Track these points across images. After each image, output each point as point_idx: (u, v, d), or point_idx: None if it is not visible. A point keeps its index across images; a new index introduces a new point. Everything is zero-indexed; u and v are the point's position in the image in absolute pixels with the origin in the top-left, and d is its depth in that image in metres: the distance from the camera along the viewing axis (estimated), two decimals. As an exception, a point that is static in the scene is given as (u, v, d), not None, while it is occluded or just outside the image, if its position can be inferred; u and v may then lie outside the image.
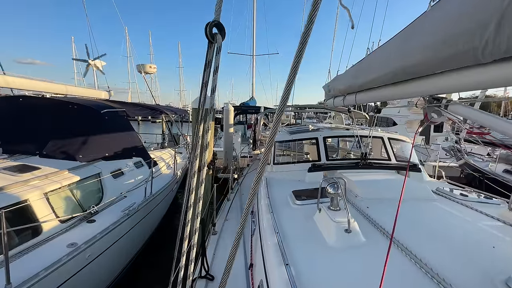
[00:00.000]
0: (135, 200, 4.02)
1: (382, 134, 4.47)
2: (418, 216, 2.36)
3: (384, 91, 2.14)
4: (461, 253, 1.72)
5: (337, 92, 3.70)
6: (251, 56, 21.73)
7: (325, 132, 4.43)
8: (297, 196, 2.74)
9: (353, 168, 3.80)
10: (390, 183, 3.20)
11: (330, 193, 2.08)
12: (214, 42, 1.15)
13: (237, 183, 5.73)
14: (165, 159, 6.67)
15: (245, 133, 15.25)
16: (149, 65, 8.44)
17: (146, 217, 4.14)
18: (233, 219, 3.82)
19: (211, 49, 1.19)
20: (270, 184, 3.57)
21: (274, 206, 2.60)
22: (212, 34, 1.14)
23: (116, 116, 4.99)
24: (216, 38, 1.15)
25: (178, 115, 7.32)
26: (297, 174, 3.88)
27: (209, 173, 3.85)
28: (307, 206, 2.51)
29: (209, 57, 1.20)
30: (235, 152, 9.32)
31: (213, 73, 1.23)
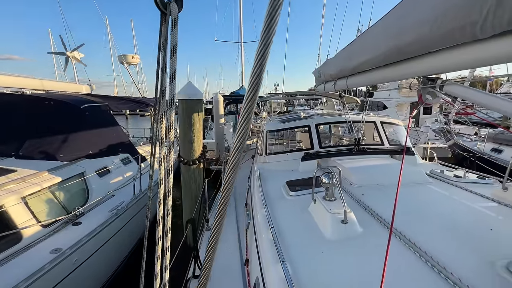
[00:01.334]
0: (124, 198, 3.85)
1: (374, 118, 4.40)
2: (414, 202, 2.32)
3: (377, 74, 2.06)
4: (460, 238, 1.69)
5: (327, 77, 3.45)
6: (239, 44, 21.16)
7: (317, 119, 4.31)
8: (291, 187, 2.67)
9: (347, 154, 3.72)
10: (385, 168, 3.14)
11: (325, 183, 1.99)
12: (167, 13, 0.88)
13: (230, 175, 5.60)
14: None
15: (236, 123, 15.03)
16: (131, 56, 8.00)
17: (137, 216, 4.00)
18: (227, 213, 3.72)
19: (164, 23, 0.91)
20: (263, 176, 3.47)
21: (268, 198, 2.53)
22: (164, 2, 0.87)
23: (98, 110, 4.71)
24: (170, 8, 0.87)
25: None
26: (291, 163, 3.79)
27: (200, 167, 3.70)
28: (301, 197, 2.46)
29: (164, 34, 0.92)
30: (227, 143, 9.15)
31: (170, 54, 0.94)
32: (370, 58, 1.95)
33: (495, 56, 1.06)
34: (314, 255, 1.59)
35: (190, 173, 3.61)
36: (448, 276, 1.30)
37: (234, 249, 2.88)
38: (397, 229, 1.77)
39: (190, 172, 3.61)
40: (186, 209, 3.66)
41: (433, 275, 1.35)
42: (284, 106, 28.01)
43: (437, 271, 1.37)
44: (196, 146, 3.59)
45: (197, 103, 3.48)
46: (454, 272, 1.32)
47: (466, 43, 1.14)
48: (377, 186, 2.74)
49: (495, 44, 1.00)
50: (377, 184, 2.77)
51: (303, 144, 5.40)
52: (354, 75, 2.52)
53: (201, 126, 3.64)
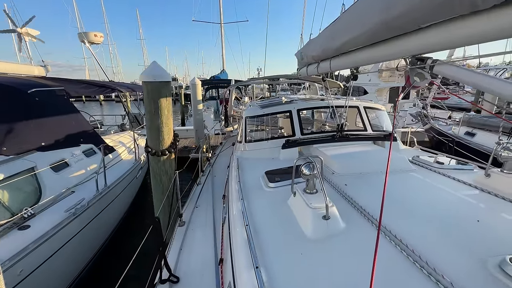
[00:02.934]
0: (86, 195, 3.43)
1: (357, 103, 4.25)
2: (397, 191, 2.23)
3: (362, 54, 1.90)
4: (448, 233, 1.58)
5: (310, 59, 3.24)
6: (219, 25, 20.07)
7: (298, 104, 4.07)
8: (270, 177, 2.50)
9: (329, 141, 3.56)
10: (368, 155, 3.01)
11: (305, 175, 1.82)
12: None
13: (209, 164, 5.30)
14: (125, 143, 5.94)
15: (217, 109, 14.51)
16: (93, 33, 7.03)
17: (103, 214, 3.60)
18: (203, 206, 3.44)
19: None
20: (241, 166, 3.23)
21: (245, 190, 2.38)
22: None
23: (52, 96, 4.11)
24: None
25: (136, 92, 6.41)
26: (271, 151, 3.58)
27: (171, 157, 3.34)
28: (281, 188, 2.31)
29: None
30: (207, 130, 8.75)
31: None
32: (354, 36, 1.79)
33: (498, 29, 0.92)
34: (293, 258, 1.43)
35: (159, 164, 3.25)
36: (439, 280, 1.18)
37: (209, 246, 2.65)
38: (382, 223, 1.63)
39: (159, 163, 3.24)
40: (157, 205, 3.33)
41: (422, 278, 1.22)
42: (267, 91, 27.65)
43: (427, 273, 1.24)
44: (165, 135, 3.21)
45: (163, 85, 3.05)
46: (444, 274, 1.20)
47: (464, 16, 1.02)
48: (360, 175, 2.64)
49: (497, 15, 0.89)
50: (360, 173, 2.66)
51: (284, 130, 5.17)
52: (337, 57, 2.34)
53: (170, 112, 3.24)
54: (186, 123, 14.67)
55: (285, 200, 2.02)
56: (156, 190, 3.30)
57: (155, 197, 3.31)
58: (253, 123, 4.45)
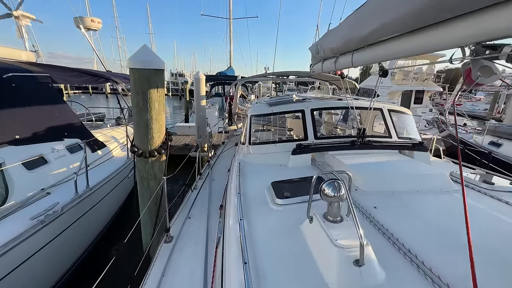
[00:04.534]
0: (63, 198, 2.96)
1: (381, 105, 3.69)
2: (445, 221, 1.69)
3: (398, 44, 1.54)
4: None
5: (327, 53, 2.86)
6: (228, 20, 19.57)
7: (312, 103, 3.54)
8: (278, 190, 2.06)
9: (348, 148, 3.01)
10: (398, 168, 2.47)
11: (329, 196, 1.36)
12: None
13: (208, 166, 4.80)
14: (119, 138, 5.48)
15: (222, 106, 14.04)
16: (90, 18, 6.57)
17: (82, 221, 3.13)
18: (196, 217, 2.94)
19: None
20: (244, 172, 2.72)
21: (246, 205, 1.97)
22: None
23: (33, 83, 3.65)
24: None
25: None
26: (279, 157, 3.09)
27: (161, 159, 2.84)
28: (291, 207, 1.88)
29: None
30: (209, 128, 8.27)
31: None
32: (389, 22, 1.46)
33: None
34: None
35: (147, 167, 2.75)
36: None
37: (198, 272, 2.16)
38: (432, 269, 1.23)
39: (147, 166, 2.75)
40: (143, 215, 2.84)
41: None
42: (274, 90, 27.08)
43: None
44: (155, 132, 2.71)
45: (154, 74, 2.55)
46: None
47: None
48: (392, 195, 2.11)
49: None
50: (391, 192, 2.12)
51: (293, 132, 4.64)
52: (362, 49, 2.00)
53: (162, 105, 2.74)
54: (189, 119, 14.24)
55: (297, 224, 1.59)
56: (142, 197, 2.81)
57: (141, 205, 2.82)
58: (259, 123, 3.94)
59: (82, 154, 3.52)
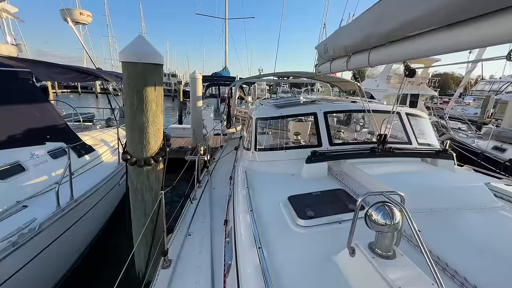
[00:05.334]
0: (42, 212, 2.54)
1: (398, 108, 3.43)
2: (505, 250, 1.42)
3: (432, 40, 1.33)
4: None
5: (339, 52, 2.65)
6: (223, 20, 19.23)
7: (325, 105, 3.24)
8: (299, 208, 1.77)
9: (368, 156, 2.72)
10: (434, 181, 2.19)
11: (379, 224, 1.06)
12: None
13: (207, 173, 4.44)
14: (109, 141, 5.05)
15: (218, 107, 13.66)
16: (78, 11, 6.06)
17: (64, 239, 2.70)
18: (198, 234, 2.58)
19: None
20: (252, 183, 2.41)
21: (262, 227, 1.66)
22: None
23: (11, 79, 3.21)
24: None
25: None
26: (290, 165, 2.77)
27: (158, 168, 2.48)
28: (317, 229, 1.60)
29: None
30: (205, 130, 7.90)
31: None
32: (427, 12, 1.26)
33: None
34: None
35: (142, 177, 2.38)
36: None
37: None
38: None
39: (142, 176, 2.38)
40: (136, 232, 2.46)
41: None
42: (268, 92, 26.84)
43: None
44: (152, 137, 2.34)
45: (152, 70, 2.19)
46: None
47: None
48: (431, 212, 1.82)
49: None
50: (430, 209, 1.84)
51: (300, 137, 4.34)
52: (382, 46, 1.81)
53: (160, 106, 2.38)
54: (183, 121, 13.80)
55: (329, 254, 1.34)
56: (135, 212, 2.43)
57: (134, 222, 2.44)
58: (265, 127, 3.62)
59: (67, 160, 3.11)
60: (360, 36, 2.00)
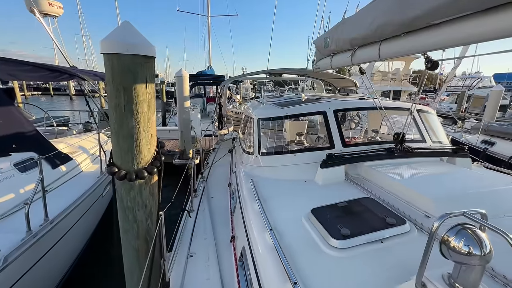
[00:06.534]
0: (7, 241, 2.06)
1: (407, 104, 3.27)
2: None
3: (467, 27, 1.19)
4: None
5: (343, 46, 2.47)
6: (206, 17, 18.64)
7: (333, 103, 3.00)
8: (329, 224, 1.51)
9: (385, 157, 2.51)
10: (469, 183, 2.00)
11: (462, 253, 0.83)
12: None
13: (202, 179, 4.06)
14: (89, 148, 4.50)
15: (204, 107, 13.14)
16: (47, 1, 5.36)
17: (37, 270, 2.23)
18: (201, 255, 2.23)
19: None
20: (262, 193, 2.13)
21: (287, 251, 1.39)
22: None
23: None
24: None
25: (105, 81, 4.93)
26: (301, 170, 2.50)
27: (153, 181, 2.09)
28: (357, 250, 1.37)
29: None
30: (193, 132, 7.45)
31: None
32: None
33: None
34: None
35: (133, 194, 1.98)
36: None
37: None
38: None
39: (133, 192, 1.98)
40: (128, 259, 2.06)
41: None
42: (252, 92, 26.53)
43: None
44: (144, 145, 1.95)
45: (143, 63, 1.81)
46: None
47: None
48: None
49: None
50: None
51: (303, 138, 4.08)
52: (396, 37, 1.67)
53: (153, 107, 2.00)
54: (168, 123, 13.15)
55: (381, 285, 1.12)
56: (126, 235, 2.03)
57: (125, 246, 2.04)
58: (267, 128, 3.31)
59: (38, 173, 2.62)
60: (370, 28, 1.83)
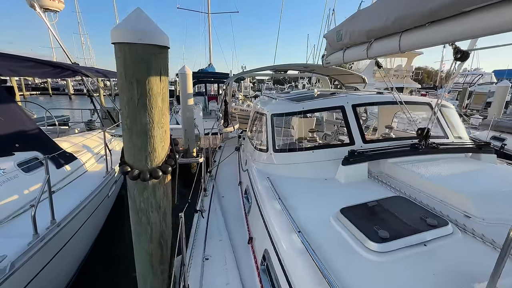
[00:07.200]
0: (13, 246, 1.94)
1: (428, 99, 3.15)
2: None
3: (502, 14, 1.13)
4: None
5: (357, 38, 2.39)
6: (206, 14, 18.43)
7: (351, 97, 2.88)
8: (363, 226, 1.40)
9: (409, 154, 2.40)
10: (505, 181, 1.88)
11: None
12: None
13: (210, 178, 3.94)
14: (93, 147, 4.37)
15: (206, 106, 13.00)
16: None
17: (44, 275, 2.11)
18: (218, 257, 2.11)
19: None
20: (282, 192, 2.00)
21: (321, 254, 1.28)
22: None
23: (-38, 74, 2.53)
24: None
25: (110, 79, 4.80)
26: (320, 167, 2.39)
27: (166, 180, 1.97)
28: (399, 254, 1.25)
29: None
30: (197, 130, 7.33)
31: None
32: None
33: None
34: None
35: (146, 194, 1.86)
36: None
37: None
38: None
39: (146, 192, 1.86)
40: (141, 264, 1.94)
41: None
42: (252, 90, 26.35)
43: None
44: (158, 143, 1.83)
45: (156, 53, 1.68)
46: None
47: None
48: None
49: None
50: None
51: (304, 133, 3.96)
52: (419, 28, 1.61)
53: (167, 102, 1.87)
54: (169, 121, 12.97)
55: None
56: (139, 238, 1.91)
57: (137, 251, 1.92)
58: (280, 124, 3.19)
59: (43, 173, 2.49)
60: (390, 18, 1.75)
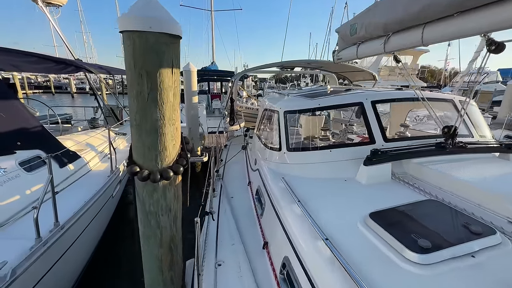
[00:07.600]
0: (13, 252, 1.82)
1: (450, 96, 3.00)
2: None
3: None
4: None
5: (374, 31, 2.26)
6: (209, 12, 18.28)
7: (370, 94, 2.73)
8: (400, 234, 1.26)
9: (435, 153, 2.26)
10: None
11: None
12: None
13: (218, 177, 3.81)
14: (96, 145, 4.25)
15: (209, 104, 12.88)
16: None
17: (46, 281, 1.99)
18: (231, 263, 1.97)
19: None
20: (300, 194, 1.86)
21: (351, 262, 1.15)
22: None
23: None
24: None
25: (113, 76, 4.68)
26: (338, 167, 2.26)
27: (177, 181, 1.83)
28: (445, 267, 1.11)
29: None
30: (201, 128, 7.20)
31: None
32: None
33: None
34: None
35: (156, 196, 1.73)
36: None
37: None
38: None
39: (156, 194, 1.73)
40: (149, 269, 1.82)
41: None
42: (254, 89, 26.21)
43: None
44: (169, 141, 1.70)
45: (168, 43, 1.54)
46: None
47: None
48: None
49: None
50: None
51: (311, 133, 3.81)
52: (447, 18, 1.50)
53: (178, 97, 1.74)
54: None
55: None
56: (148, 242, 1.78)
57: (145, 257, 1.79)
58: (293, 122, 3.05)
59: (46, 173, 2.36)
60: (413, 9, 1.64)
